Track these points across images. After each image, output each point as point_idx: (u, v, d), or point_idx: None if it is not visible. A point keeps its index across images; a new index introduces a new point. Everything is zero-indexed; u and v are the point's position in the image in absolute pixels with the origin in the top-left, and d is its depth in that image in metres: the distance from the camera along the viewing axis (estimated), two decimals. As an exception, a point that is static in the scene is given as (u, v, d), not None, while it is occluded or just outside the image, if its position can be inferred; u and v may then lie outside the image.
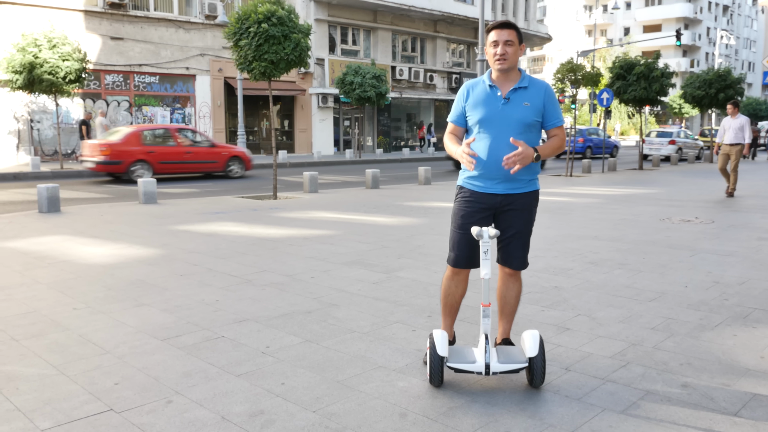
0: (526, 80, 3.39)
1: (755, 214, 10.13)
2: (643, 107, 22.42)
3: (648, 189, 14.73)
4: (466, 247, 3.48)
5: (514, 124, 3.33)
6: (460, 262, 3.52)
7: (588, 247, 7.27)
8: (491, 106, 3.37)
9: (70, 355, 3.80)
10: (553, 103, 3.42)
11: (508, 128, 3.33)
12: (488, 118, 3.36)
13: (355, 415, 3.00)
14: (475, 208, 3.44)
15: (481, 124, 3.39)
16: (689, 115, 43.03)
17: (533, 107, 3.35)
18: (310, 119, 29.94)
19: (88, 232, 8.19)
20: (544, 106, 3.39)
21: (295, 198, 12.44)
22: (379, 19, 32.01)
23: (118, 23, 23.82)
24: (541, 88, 3.40)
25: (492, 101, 3.38)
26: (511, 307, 3.62)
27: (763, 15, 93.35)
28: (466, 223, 3.45)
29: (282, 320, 4.49)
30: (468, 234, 3.45)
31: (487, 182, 3.42)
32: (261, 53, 11.29)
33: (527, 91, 3.37)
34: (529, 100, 3.35)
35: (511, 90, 3.36)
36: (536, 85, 3.40)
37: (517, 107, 3.34)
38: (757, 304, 4.91)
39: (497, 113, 3.35)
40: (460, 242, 3.49)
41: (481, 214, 3.44)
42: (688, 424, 2.93)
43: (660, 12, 75.67)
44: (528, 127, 3.36)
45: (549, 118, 3.43)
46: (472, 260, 3.51)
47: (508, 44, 3.32)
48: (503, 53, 3.31)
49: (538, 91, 3.38)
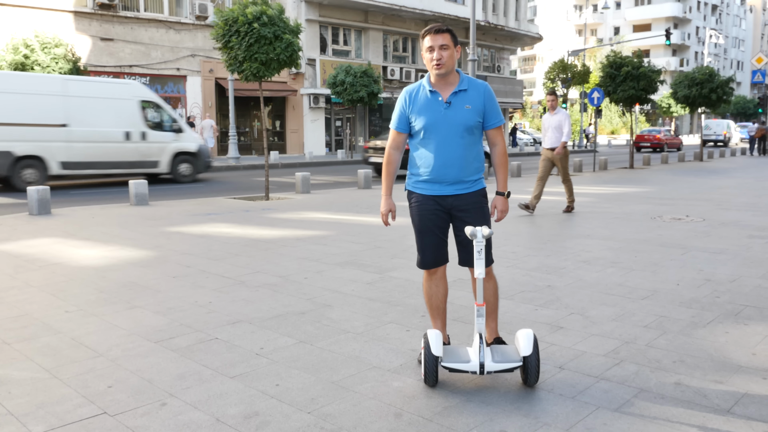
0: (465, 82, 3.44)
1: (746, 212, 10.19)
2: (633, 106, 22.53)
3: (639, 187, 14.80)
4: (430, 247, 3.57)
5: (457, 127, 3.40)
6: (428, 263, 3.60)
7: (580, 245, 7.29)
8: (434, 111, 3.42)
9: (63, 358, 3.78)
10: (492, 103, 3.48)
11: (452, 132, 3.40)
12: (432, 124, 3.42)
13: (351, 416, 3.00)
14: (430, 210, 3.51)
15: (425, 129, 3.44)
16: (678, 114, 43.24)
17: (474, 109, 3.42)
18: (302, 120, 29.91)
19: (79, 234, 8.15)
20: (484, 106, 3.44)
21: (288, 199, 12.42)
22: (370, 20, 32.02)
23: (108, 24, 23.71)
24: (480, 89, 3.46)
25: (434, 106, 3.43)
26: (491, 305, 3.64)
27: (752, 14, 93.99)
28: (427, 225, 3.54)
29: (276, 321, 4.48)
30: (432, 234, 3.54)
31: (435, 186, 3.49)
32: (252, 53, 11.27)
33: (467, 94, 3.42)
34: (469, 102, 3.41)
35: (452, 94, 3.41)
36: (475, 87, 3.46)
37: (459, 111, 3.40)
38: (749, 301, 4.94)
39: (440, 118, 3.41)
40: (425, 244, 3.57)
41: (438, 216, 3.52)
42: (682, 421, 2.94)
43: (649, 11, 76.05)
44: (470, 129, 3.43)
45: (489, 118, 3.48)
46: (440, 258, 3.60)
47: (444, 48, 3.36)
48: (439, 58, 3.35)
49: (477, 93, 3.44)
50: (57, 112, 14.36)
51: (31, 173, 14.21)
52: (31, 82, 14.35)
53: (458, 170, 3.43)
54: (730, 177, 17.97)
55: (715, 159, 29.14)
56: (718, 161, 27.23)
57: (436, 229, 3.53)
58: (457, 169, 3.42)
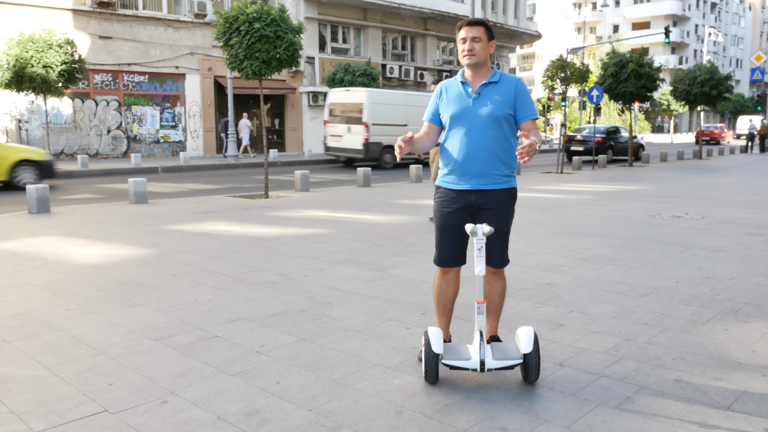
0: (497, 75, 3.45)
1: (744, 210, 10.20)
2: (633, 104, 22.54)
3: (638, 185, 14.80)
4: (448, 246, 3.52)
5: (484, 118, 3.38)
6: (444, 261, 3.56)
7: (580, 243, 7.30)
8: (462, 102, 3.43)
9: (63, 356, 3.78)
10: (524, 96, 3.44)
11: (479, 123, 3.38)
12: (459, 114, 3.42)
13: (351, 413, 3.01)
14: (452, 208, 3.47)
15: (452, 119, 3.44)
16: (678, 111, 43.25)
17: (503, 101, 3.39)
18: (301, 118, 29.87)
19: (78, 233, 8.14)
20: (515, 99, 3.42)
21: (287, 197, 12.42)
22: (369, 17, 31.97)
23: (107, 22, 23.67)
24: (512, 82, 3.45)
25: (463, 97, 3.44)
26: (496, 305, 3.63)
27: (751, 12, 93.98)
28: (446, 223, 3.49)
29: (276, 319, 4.48)
30: (450, 233, 3.50)
31: (461, 178, 3.44)
32: (253, 52, 11.27)
33: (497, 86, 3.42)
34: (499, 94, 3.40)
35: (482, 85, 3.42)
36: (507, 80, 3.45)
37: (487, 102, 3.39)
38: (748, 298, 4.95)
39: (468, 109, 3.41)
40: (443, 241, 3.53)
41: (460, 213, 3.47)
42: (682, 418, 2.95)
43: (649, 9, 75.98)
44: (498, 120, 3.39)
45: (521, 111, 3.43)
46: (458, 258, 3.55)
47: (476, 41, 3.37)
48: (471, 48, 3.38)
49: (508, 86, 3.43)
50: (402, 116, 21.44)
51: (389, 157, 21.59)
52: (390, 96, 22.05)
53: (483, 162, 3.36)
54: (728, 175, 17.98)
55: (714, 157, 29.15)
56: (717, 159, 27.24)
57: (456, 229, 3.48)
58: (481, 161, 3.35)
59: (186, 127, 26.32)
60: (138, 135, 25.12)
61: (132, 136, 24.95)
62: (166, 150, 25.93)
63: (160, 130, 25.70)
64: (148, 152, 25.26)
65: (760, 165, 22.64)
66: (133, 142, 24.99)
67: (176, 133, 26.16)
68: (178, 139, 26.21)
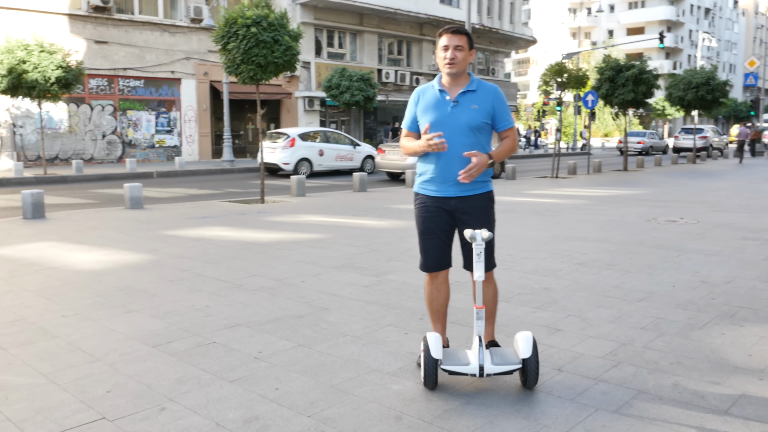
0: (475, 83, 3.45)
1: (739, 214, 10.24)
2: (628, 109, 22.62)
3: (633, 190, 14.85)
4: (433, 251, 3.55)
5: (462, 127, 3.39)
6: (431, 266, 3.58)
7: (576, 248, 7.31)
8: (440, 109, 3.43)
9: (60, 363, 3.77)
10: (502, 105, 3.47)
11: (457, 131, 3.39)
12: (438, 122, 3.41)
13: (351, 419, 3.00)
14: (433, 213, 3.50)
15: (431, 128, 3.42)
16: (672, 116, 43.40)
17: (482, 110, 3.40)
18: (297, 122, 29.86)
19: (74, 238, 8.12)
20: (493, 108, 3.43)
21: (283, 202, 12.41)
22: (365, 23, 32.04)
23: (103, 27, 23.66)
24: (489, 91, 3.46)
25: (441, 105, 3.43)
26: (490, 309, 3.64)
27: (744, 18, 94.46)
28: (429, 228, 3.53)
29: (274, 325, 4.47)
30: (434, 238, 3.53)
31: (440, 186, 3.46)
32: (250, 56, 11.28)
33: (476, 94, 3.42)
34: (477, 102, 3.41)
35: (460, 93, 3.42)
36: (485, 89, 3.46)
37: (465, 110, 3.40)
38: (744, 302, 4.97)
39: (446, 116, 3.41)
40: (428, 247, 3.56)
41: (442, 217, 3.50)
42: (680, 422, 2.95)
43: (643, 15, 76.33)
44: (477, 129, 3.41)
45: (499, 120, 3.47)
46: (444, 262, 3.58)
47: (458, 49, 3.38)
48: (453, 57, 3.37)
49: (486, 94, 3.44)
50: None
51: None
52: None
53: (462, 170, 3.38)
54: (722, 179, 18.05)
55: (708, 162, 29.26)
56: (710, 164, 27.35)
57: (439, 232, 3.52)
58: (460, 169, 3.37)
59: (181, 132, 26.30)
60: (133, 140, 25.09)
61: (127, 141, 24.92)
62: (161, 155, 25.90)
63: (156, 135, 25.67)
64: (143, 157, 25.23)
65: (754, 169, 22.74)
66: (128, 147, 24.96)
67: (171, 138, 26.14)
68: (174, 144, 26.18)
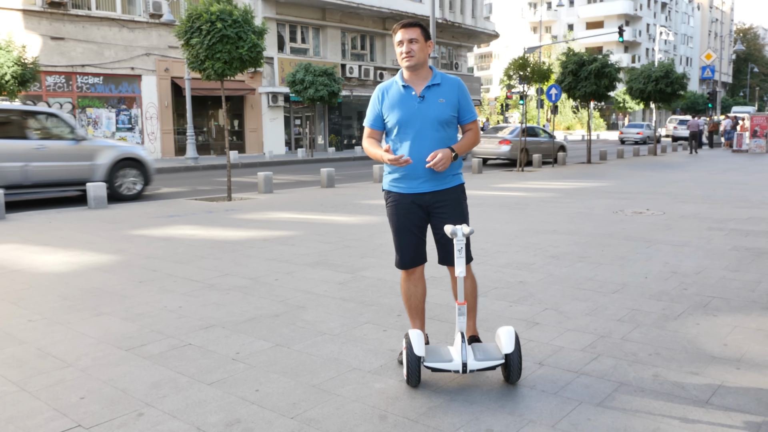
0: (438, 77, 3.43)
1: (703, 205, 10.45)
2: (590, 102, 22.94)
3: (598, 182, 15.05)
4: (408, 247, 3.53)
5: (431, 121, 3.37)
6: (407, 262, 3.56)
7: (548, 241, 7.36)
8: (407, 106, 3.40)
9: (30, 369, 3.64)
10: (466, 98, 3.48)
11: (426, 126, 3.37)
12: (406, 119, 3.39)
13: (335, 420, 2.96)
14: (407, 209, 3.48)
15: (399, 125, 3.41)
16: (633, 109, 44.22)
17: (448, 103, 3.39)
18: (261, 118, 29.59)
19: (36, 240, 7.88)
20: (458, 101, 3.43)
21: (251, 199, 12.25)
22: (327, 17, 31.84)
23: (59, 23, 23.05)
24: (454, 84, 3.45)
25: (407, 101, 3.41)
26: (470, 303, 3.62)
27: (699, 12, 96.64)
28: (404, 224, 3.50)
29: (249, 325, 4.39)
30: (409, 234, 3.51)
31: (412, 182, 3.44)
32: (214, 52, 11.10)
33: (440, 88, 3.41)
34: (443, 96, 3.39)
35: (425, 88, 3.40)
36: (448, 82, 3.44)
37: (433, 105, 3.38)
38: (715, 292, 5.06)
39: (414, 112, 3.39)
40: (403, 244, 3.53)
41: (416, 213, 3.48)
42: (663, 413, 2.98)
43: (602, 9, 77.56)
44: (445, 123, 3.40)
45: (464, 113, 3.47)
46: (419, 258, 3.56)
47: (413, 42, 3.36)
48: (409, 51, 3.35)
49: (451, 88, 3.43)
50: None
51: None
52: None
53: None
54: (683, 171, 18.43)
55: (668, 153, 29.86)
56: (670, 155, 27.91)
57: (414, 228, 3.49)
58: None
59: (143, 130, 25.79)
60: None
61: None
62: (122, 153, 25.34)
63: (117, 133, 25.13)
64: (104, 155, 24.65)
65: (711, 160, 23.27)
66: None
67: (133, 135, 25.62)
68: (136, 142, 25.66)
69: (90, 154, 12.23)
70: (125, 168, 12.70)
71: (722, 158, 24.76)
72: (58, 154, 11.77)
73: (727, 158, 24.59)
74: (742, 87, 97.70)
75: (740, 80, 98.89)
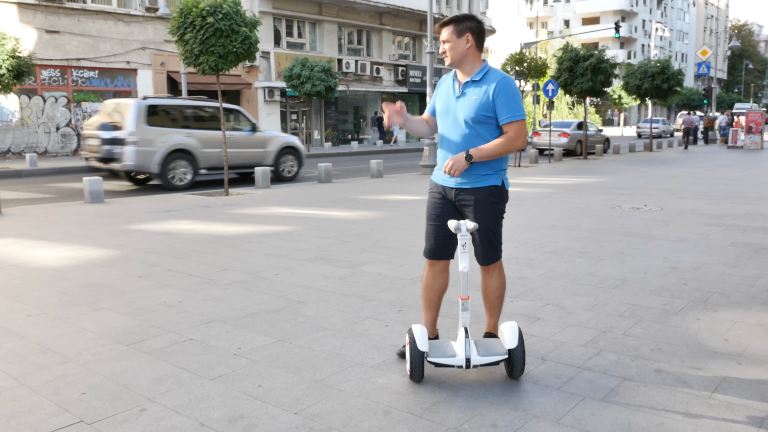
0: (481, 73, 3.36)
1: (700, 201, 10.47)
2: (586, 98, 22.95)
3: (595, 178, 15.06)
4: (434, 238, 3.52)
5: (461, 118, 3.36)
6: (429, 252, 3.57)
7: (546, 236, 7.37)
8: (447, 99, 3.44)
9: (30, 364, 3.62)
10: (503, 97, 3.27)
11: (458, 122, 3.38)
12: (444, 111, 3.45)
13: (339, 415, 2.95)
14: (438, 200, 3.50)
15: (438, 117, 3.50)
16: (628, 105, 44.27)
17: (480, 102, 3.30)
18: (257, 113, 29.49)
19: (34, 234, 7.84)
20: (493, 101, 3.28)
21: (248, 194, 12.22)
22: (324, 12, 31.75)
23: (54, 16, 22.91)
24: (492, 82, 3.30)
25: (449, 95, 3.44)
26: (491, 301, 3.61)
27: (695, 8, 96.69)
28: (433, 214, 3.52)
29: (250, 320, 4.38)
30: (436, 225, 3.50)
31: (442, 174, 3.48)
32: (208, 47, 11.06)
33: (477, 85, 3.35)
34: (477, 94, 3.32)
35: (465, 83, 3.38)
36: (488, 79, 3.32)
37: (466, 101, 3.35)
38: (715, 288, 5.06)
39: (450, 107, 3.42)
40: (429, 234, 3.55)
41: (447, 206, 3.48)
42: (667, 408, 2.98)
43: (598, 5, 77.55)
44: (475, 121, 3.31)
45: (499, 113, 3.29)
46: (444, 252, 3.54)
47: (446, 43, 3.37)
48: (443, 51, 3.40)
49: (488, 86, 3.30)
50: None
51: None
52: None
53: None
54: (680, 167, 18.45)
55: (663, 149, 29.90)
56: (666, 151, 27.95)
57: (441, 219, 3.48)
58: None
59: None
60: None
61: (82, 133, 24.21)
62: (118, 147, 25.23)
63: (112, 127, 24.98)
64: (99, 150, 24.54)
65: (708, 156, 23.31)
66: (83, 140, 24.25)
67: (129, 130, 25.47)
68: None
69: (263, 143, 14.90)
70: (286, 154, 15.49)
71: (718, 154, 24.81)
72: (242, 142, 14.40)
73: (723, 154, 24.63)
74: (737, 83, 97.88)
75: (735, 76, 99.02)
